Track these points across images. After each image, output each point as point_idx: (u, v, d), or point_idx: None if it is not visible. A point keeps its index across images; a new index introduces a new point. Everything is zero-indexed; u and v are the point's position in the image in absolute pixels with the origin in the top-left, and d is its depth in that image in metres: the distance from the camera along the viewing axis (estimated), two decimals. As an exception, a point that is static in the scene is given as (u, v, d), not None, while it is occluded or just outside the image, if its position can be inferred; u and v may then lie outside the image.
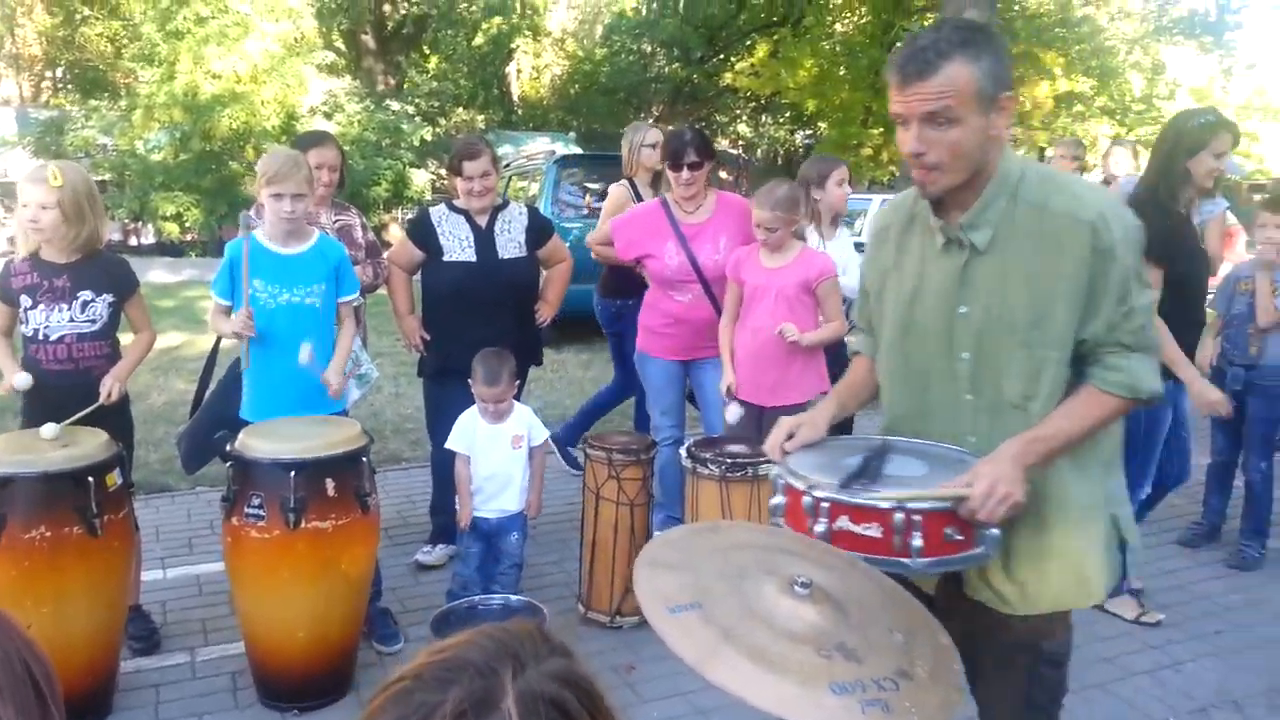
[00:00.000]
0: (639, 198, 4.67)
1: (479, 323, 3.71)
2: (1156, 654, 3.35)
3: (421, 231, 3.87)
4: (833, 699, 1.24)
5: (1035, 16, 19.47)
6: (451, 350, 3.76)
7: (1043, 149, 24.55)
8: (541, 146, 15.33)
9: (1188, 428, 3.82)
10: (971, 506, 1.64)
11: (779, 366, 3.62)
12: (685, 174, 3.81)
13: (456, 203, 3.87)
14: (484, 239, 3.81)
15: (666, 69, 25.32)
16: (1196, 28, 19.74)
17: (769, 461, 3.13)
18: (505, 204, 3.96)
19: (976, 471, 1.68)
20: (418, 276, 3.97)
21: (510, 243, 3.85)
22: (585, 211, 9.26)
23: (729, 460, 3.19)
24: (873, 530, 1.66)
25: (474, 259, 3.78)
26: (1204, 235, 4.24)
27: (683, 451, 3.35)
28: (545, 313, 4.02)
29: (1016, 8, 18.39)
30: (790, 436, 1.92)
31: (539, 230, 3.97)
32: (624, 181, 4.84)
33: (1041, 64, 20.11)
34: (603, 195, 10.31)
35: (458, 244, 3.80)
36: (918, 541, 1.64)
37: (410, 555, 4.05)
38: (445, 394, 3.81)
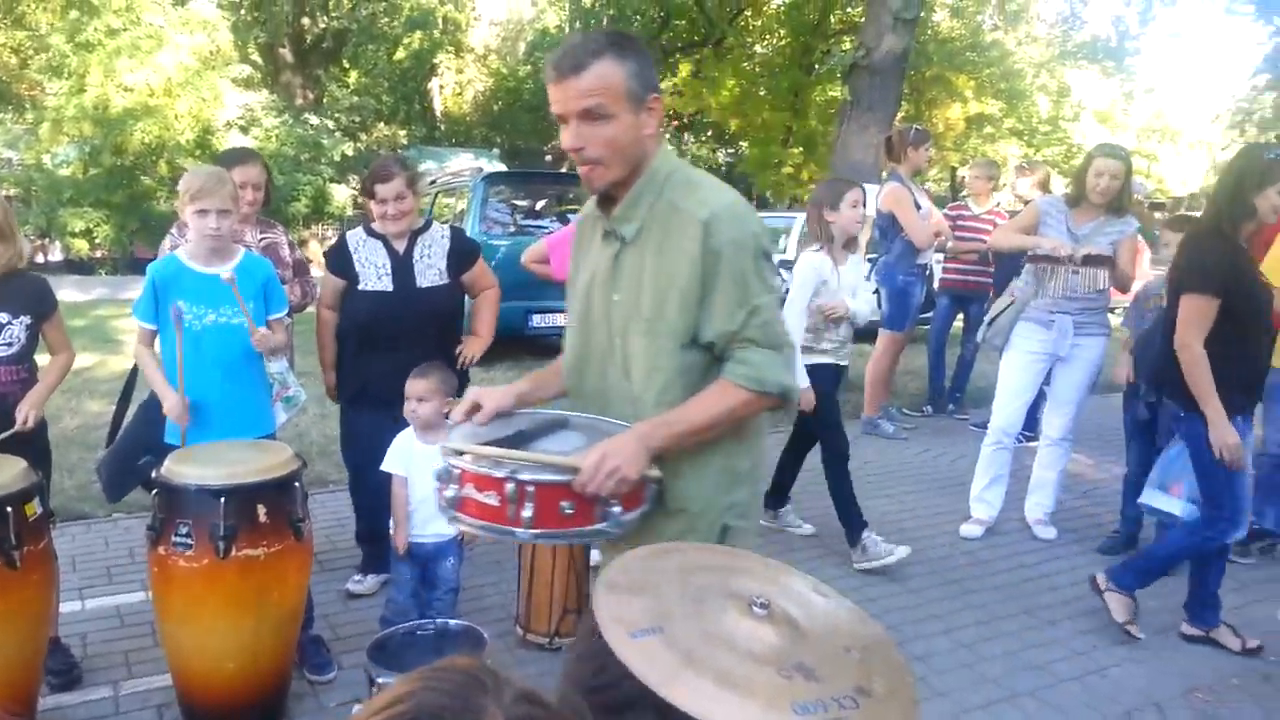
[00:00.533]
0: None
1: (396, 354, 3.54)
2: (1084, 660, 3.46)
3: (339, 259, 3.69)
4: (796, 718, 1.24)
5: (947, 41, 20.11)
6: (367, 380, 3.68)
7: (954, 168, 25.34)
8: (465, 163, 15.25)
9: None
10: (581, 479, 1.69)
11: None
12: None
13: (375, 226, 3.70)
14: (401, 266, 3.64)
15: (590, 87, 25.43)
16: (1099, 53, 20.61)
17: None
18: (427, 225, 3.78)
19: (596, 446, 1.73)
20: None
21: (430, 269, 3.68)
22: (513, 229, 9.22)
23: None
24: (491, 498, 1.70)
25: (390, 288, 3.62)
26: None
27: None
28: (473, 348, 3.82)
29: (929, 31, 18.94)
30: (478, 408, 1.98)
31: (462, 254, 3.78)
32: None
33: (953, 87, 20.81)
34: (531, 213, 10.35)
35: (374, 271, 3.63)
36: (528, 512, 1.67)
37: (341, 581, 3.96)
38: (360, 421, 3.76)
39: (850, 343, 4.44)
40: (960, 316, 7.17)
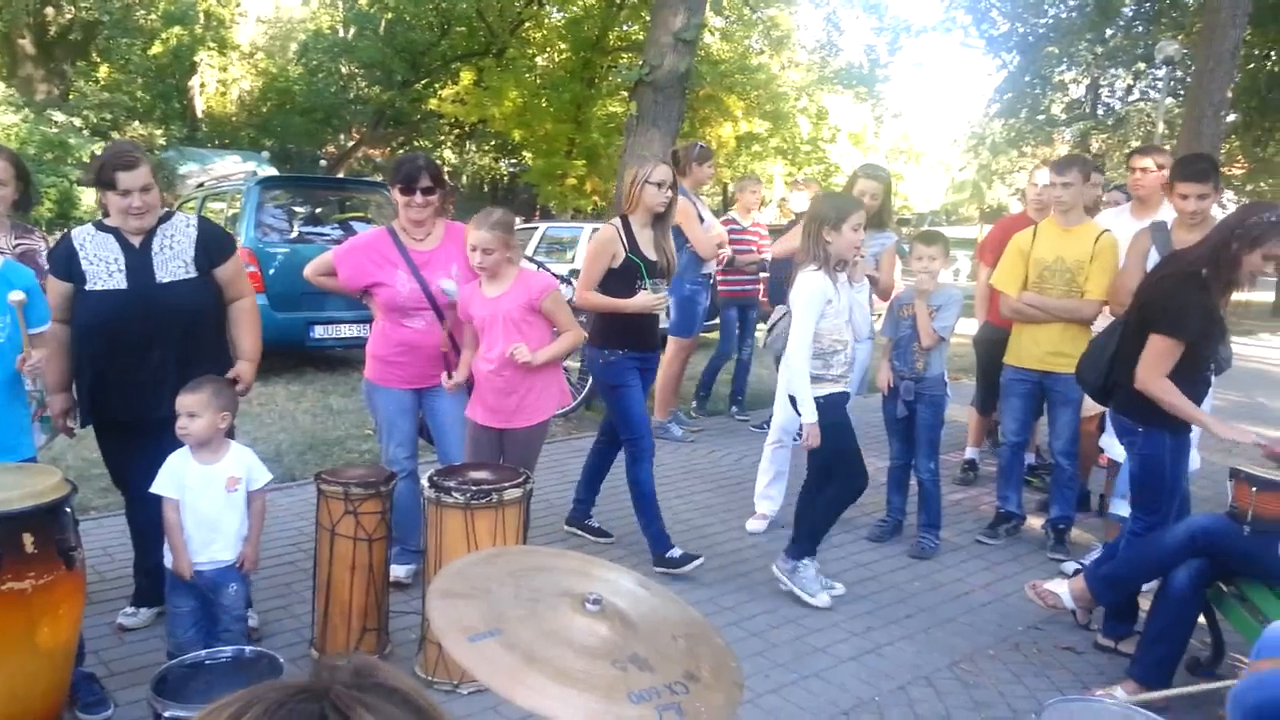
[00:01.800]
0: (631, 240, 4.24)
1: (135, 364, 3.23)
2: (859, 640, 3.75)
3: (61, 260, 3.27)
4: (633, 708, 1.31)
5: (718, 63, 21.03)
6: (107, 398, 3.32)
7: (725, 184, 26.53)
8: (231, 166, 14.38)
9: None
10: None
11: (518, 390, 3.69)
12: (419, 198, 3.77)
13: (107, 221, 3.33)
14: (138, 260, 3.26)
15: (367, 91, 24.66)
16: (853, 79, 22.24)
17: (513, 487, 3.20)
18: (168, 215, 3.39)
19: None
20: None
21: (173, 262, 3.30)
22: (293, 237, 8.82)
23: (474, 487, 3.19)
24: None
25: (124, 285, 3.23)
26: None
27: (425, 482, 3.30)
28: (245, 375, 3.49)
29: (703, 53, 19.77)
30: None
31: (212, 245, 3.41)
32: (616, 221, 4.33)
33: (725, 106, 21.81)
34: (310, 219, 9.94)
35: (104, 268, 3.24)
36: None
37: (112, 615, 3.66)
38: (115, 445, 3.47)
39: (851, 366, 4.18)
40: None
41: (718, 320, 7.57)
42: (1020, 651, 3.72)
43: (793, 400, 4.04)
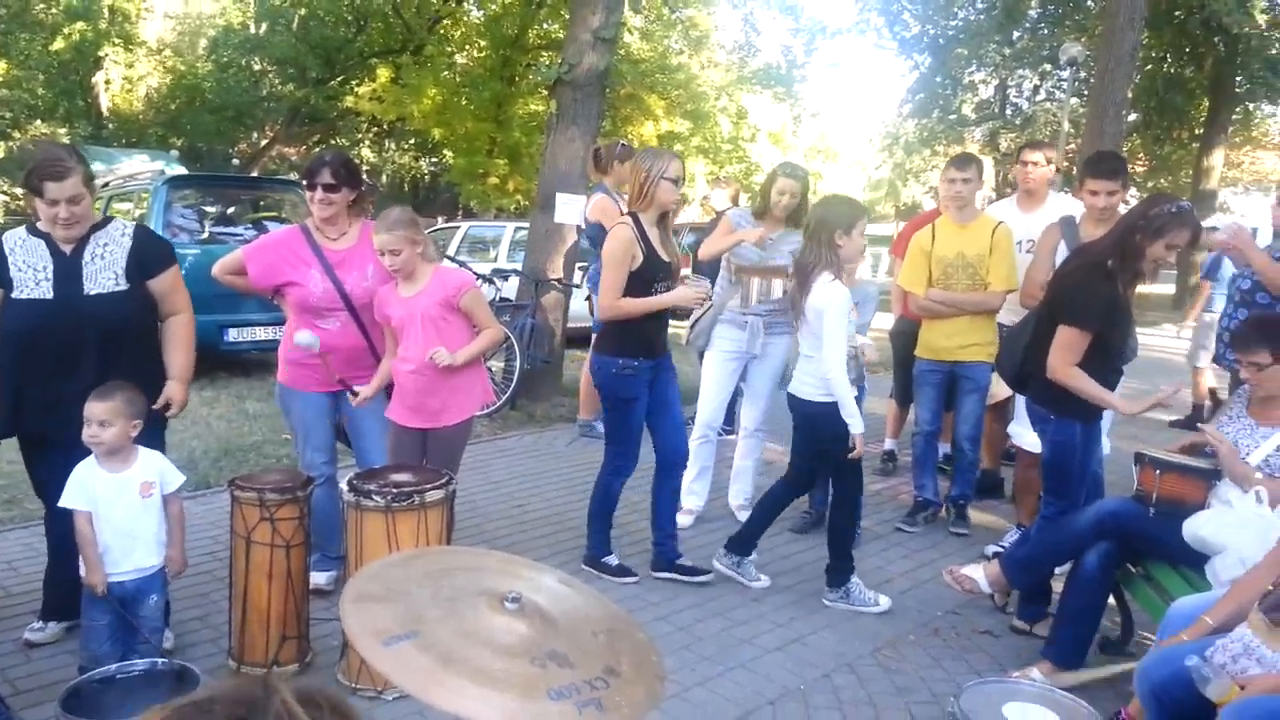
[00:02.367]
0: (644, 238, 4.00)
1: (59, 377, 3.11)
2: (784, 630, 3.79)
3: None
4: (552, 705, 1.30)
5: (639, 62, 21.07)
6: (28, 410, 3.20)
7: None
8: (139, 165, 13.89)
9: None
10: None
11: (440, 391, 3.63)
12: (319, 194, 3.69)
13: (40, 225, 3.21)
14: (66, 270, 3.15)
15: (281, 89, 24.07)
16: (771, 79, 22.49)
17: (435, 488, 3.16)
18: (105, 222, 3.28)
19: None
20: None
21: (104, 273, 3.19)
22: (204, 237, 8.57)
23: (395, 490, 3.13)
24: None
25: (50, 295, 3.11)
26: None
27: (344, 485, 3.23)
28: (177, 396, 3.35)
29: (623, 52, 19.79)
30: None
31: (148, 256, 3.28)
32: (627, 218, 4.07)
33: (646, 105, 21.87)
34: (222, 219, 9.65)
35: (32, 276, 3.14)
36: None
37: (17, 631, 3.50)
38: (37, 457, 3.33)
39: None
40: None
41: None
42: (940, 636, 3.80)
43: (805, 412, 4.01)
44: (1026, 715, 2.50)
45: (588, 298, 6.99)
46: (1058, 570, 3.69)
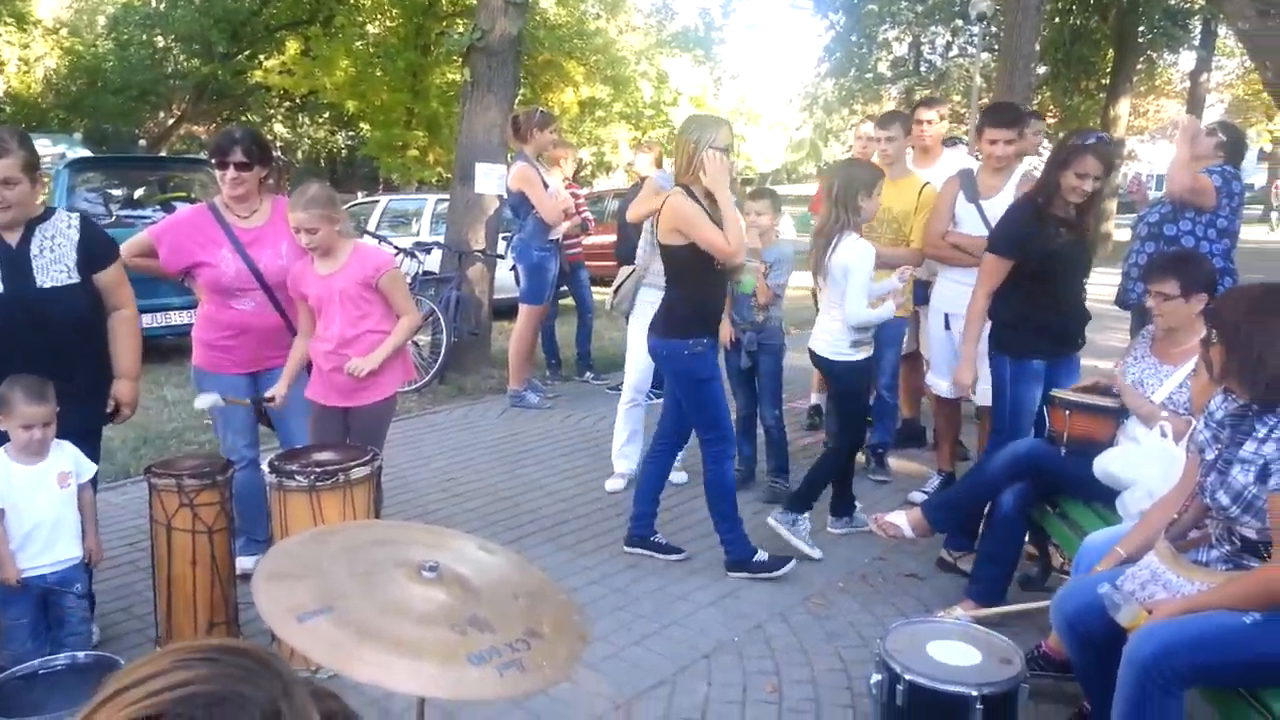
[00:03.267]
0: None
1: (8, 373, 2.98)
2: (718, 586, 3.85)
3: None
4: (473, 670, 1.31)
5: (556, 27, 20.80)
6: None
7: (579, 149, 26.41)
8: (42, 149, 13.34)
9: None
10: None
11: (359, 369, 3.58)
12: (231, 172, 3.59)
13: None
14: (15, 262, 3.03)
15: (186, 65, 23.21)
16: (690, 42, 22.42)
17: (359, 465, 3.12)
18: (48, 214, 3.15)
19: None
20: None
21: (54, 266, 3.07)
22: (110, 221, 8.27)
23: (318, 469, 3.09)
24: None
25: (0, 290, 3.02)
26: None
27: (265, 467, 3.18)
28: (126, 395, 3.26)
29: (539, 18, 19.50)
30: None
31: (95, 248, 3.18)
32: (680, 190, 3.78)
33: (565, 72, 21.62)
34: (129, 202, 9.32)
35: None
36: None
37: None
38: None
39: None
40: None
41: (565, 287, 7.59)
42: (867, 582, 3.91)
43: (830, 364, 4.21)
44: (949, 652, 2.60)
45: (512, 268, 6.95)
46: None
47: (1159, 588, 2.45)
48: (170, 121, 24.90)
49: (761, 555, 3.96)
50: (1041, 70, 18.23)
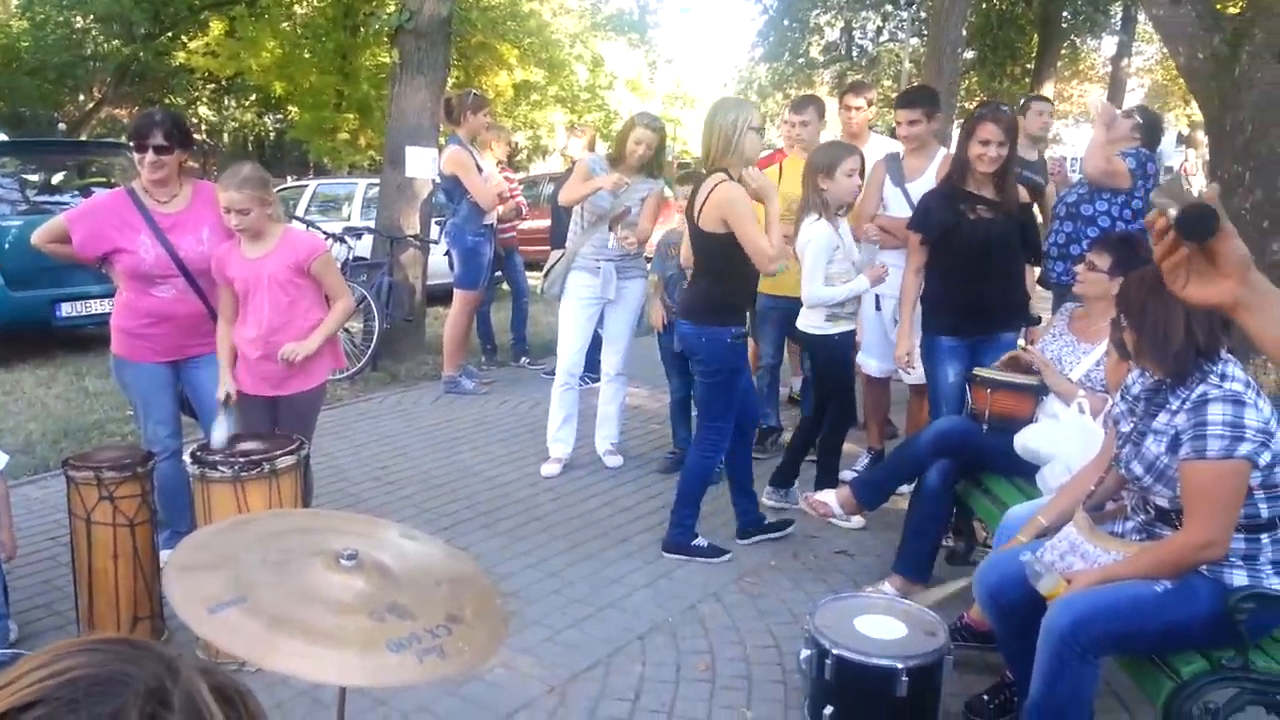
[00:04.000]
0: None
1: None
2: (652, 568, 3.88)
3: None
4: (392, 656, 1.30)
5: (489, 9, 20.56)
6: None
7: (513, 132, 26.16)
8: (-45, 137, 12.82)
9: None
10: None
11: (288, 357, 3.52)
12: (150, 156, 3.49)
13: None
14: None
15: (106, 46, 22.41)
16: (625, 25, 22.34)
17: (285, 454, 3.07)
18: None
19: None
20: None
21: None
22: (26, 207, 7.99)
23: (243, 459, 3.03)
24: None
25: None
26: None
27: (187, 458, 3.11)
28: None
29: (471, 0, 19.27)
30: None
31: None
32: (721, 174, 3.74)
33: (499, 55, 21.39)
34: (46, 187, 9.00)
35: None
36: None
37: None
38: None
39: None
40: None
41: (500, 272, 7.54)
42: (799, 560, 3.97)
43: (809, 339, 4.31)
44: (876, 626, 2.66)
45: (446, 253, 6.87)
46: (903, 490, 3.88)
47: (1077, 558, 2.53)
48: (91, 105, 24.05)
49: (701, 541, 3.99)
50: (969, 55, 18.55)
